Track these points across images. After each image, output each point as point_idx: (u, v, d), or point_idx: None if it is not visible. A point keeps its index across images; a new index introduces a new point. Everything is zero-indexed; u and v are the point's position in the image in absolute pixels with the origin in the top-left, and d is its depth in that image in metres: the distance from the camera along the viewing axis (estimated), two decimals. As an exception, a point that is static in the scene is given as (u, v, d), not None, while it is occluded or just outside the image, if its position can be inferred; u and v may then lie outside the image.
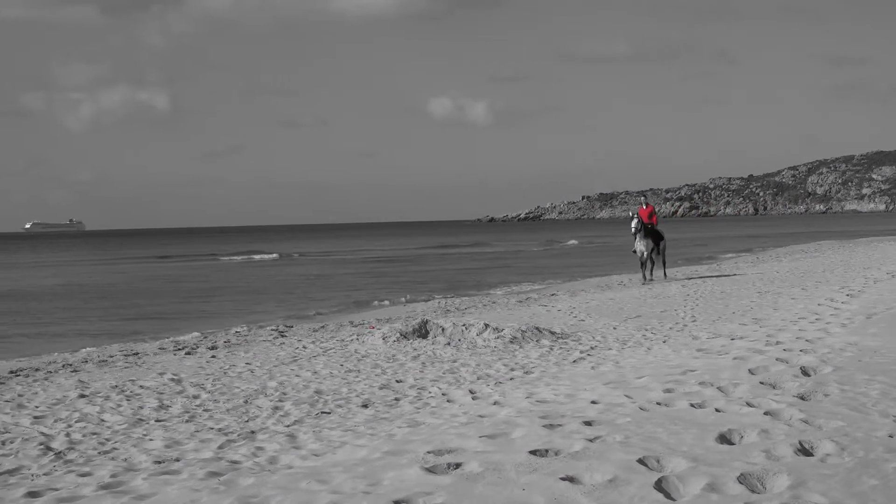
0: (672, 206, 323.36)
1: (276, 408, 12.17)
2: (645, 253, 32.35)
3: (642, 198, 34.81)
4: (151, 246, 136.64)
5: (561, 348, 16.24)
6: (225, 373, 15.46)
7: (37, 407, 13.05)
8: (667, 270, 34.34)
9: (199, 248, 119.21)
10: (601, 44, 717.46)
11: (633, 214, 32.80)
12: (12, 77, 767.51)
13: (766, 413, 8.26)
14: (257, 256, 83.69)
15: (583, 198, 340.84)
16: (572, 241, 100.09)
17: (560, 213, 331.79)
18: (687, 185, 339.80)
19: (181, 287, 46.64)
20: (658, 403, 8.95)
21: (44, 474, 9.31)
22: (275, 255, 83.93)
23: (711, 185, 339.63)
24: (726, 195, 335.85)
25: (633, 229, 32.21)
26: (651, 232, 32.51)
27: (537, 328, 17.80)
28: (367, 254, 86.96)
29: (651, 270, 32.91)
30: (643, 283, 31.64)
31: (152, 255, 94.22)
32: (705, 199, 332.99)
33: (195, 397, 13.27)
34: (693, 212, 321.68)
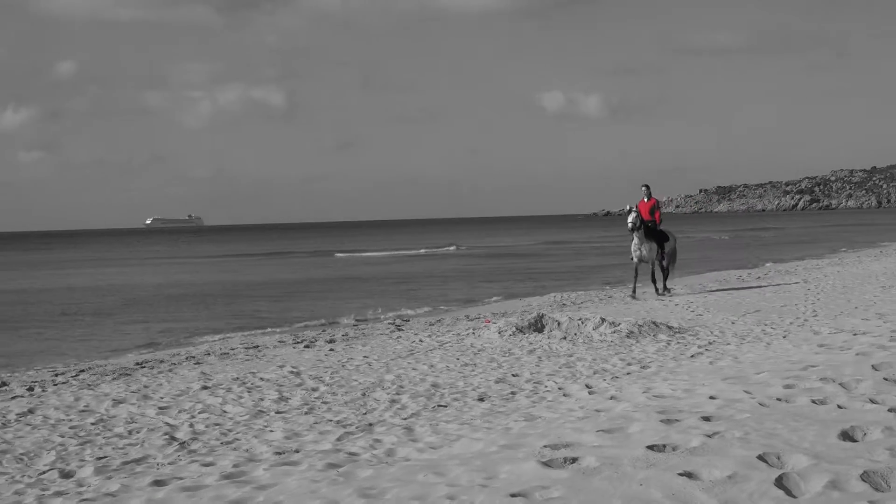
0: (792, 199, 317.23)
1: (394, 401, 12.28)
2: (646, 259, 26.19)
3: (644, 188, 26.70)
4: (269, 241, 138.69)
5: (678, 343, 16.08)
6: (343, 366, 15.65)
7: (161, 398, 13.37)
8: (668, 282, 27.44)
9: (314, 244, 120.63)
10: (713, 35, 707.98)
11: (629, 208, 26.32)
12: (133, 76, 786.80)
13: (890, 410, 8.07)
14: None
15: (700, 191, 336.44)
16: (703, 236, 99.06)
17: (677, 206, 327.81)
18: (807, 177, 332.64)
19: (299, 282, 47.29)
20: (778, 399, 8.81)
21: (169, 463, 9.54)
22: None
23: (833, 178, 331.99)
24: (848, 188, 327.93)
25: (629, 225, 26.05)
26: (653, 233, 26.36)
27: (654, 322, 17.65)
28: (482, 249, 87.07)
29: (663, 281, 26.96)
30: (633, 298, 25.84)
31: (273, 251, 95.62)
32: (826, 192, 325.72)
33: (314, 390, 13.45)
34: (814, 205, 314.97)
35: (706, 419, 8.11)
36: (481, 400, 11.96)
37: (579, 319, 17.86)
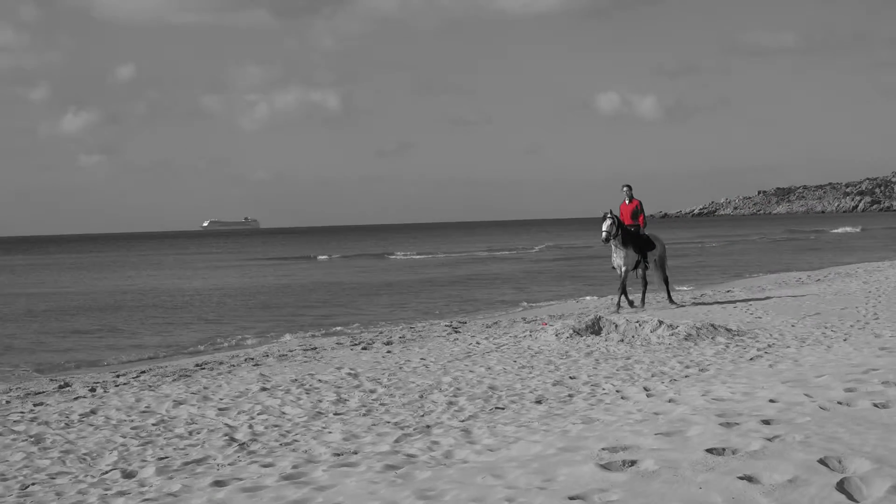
0: (852, 200, 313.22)
1: (451, 403, 12.29)
2: (624, 268, 23.36)
3: (625, 188, 24.00)
4: (325, 243, 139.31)
5: (737, 346, 15.97)
6: (400, 368, 15.70)
7: (221, 399, 13.49)
8: (672, 292, 25.27)
9: (370, 246, 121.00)
10: (768, 35, 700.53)
11: (605, 214, 23.23)
12: (192, 80, 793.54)
13: (954, 414, 7.97)
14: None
15: (758, 192, 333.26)
16: (756, 237, 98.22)
17: (735, 208, 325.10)
18: (868, 178, 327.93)
19: (355, 283, 47.50)
20: (839, 403, 8.72)
21: (228, 464, 9.62)
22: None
23: (894, 179, 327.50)
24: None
25: (603, 234, 23.20)
26: (634, 238, 23.63)
27: (712, 325, 17.54)
28: (541, 251, 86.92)
29: (642, 293, 24.12)
30: (617, 311, 22.89)
31: (329, 253, 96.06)
32: (887, 193, 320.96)
33: (372, 391, 13.51)
34: (874, 206, 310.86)
35: (766, 422, 8.05)
36: (539, 402, 11.94)
37: (637, 322, 17.79)
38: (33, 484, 9.40)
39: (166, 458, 10.14)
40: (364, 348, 18.99)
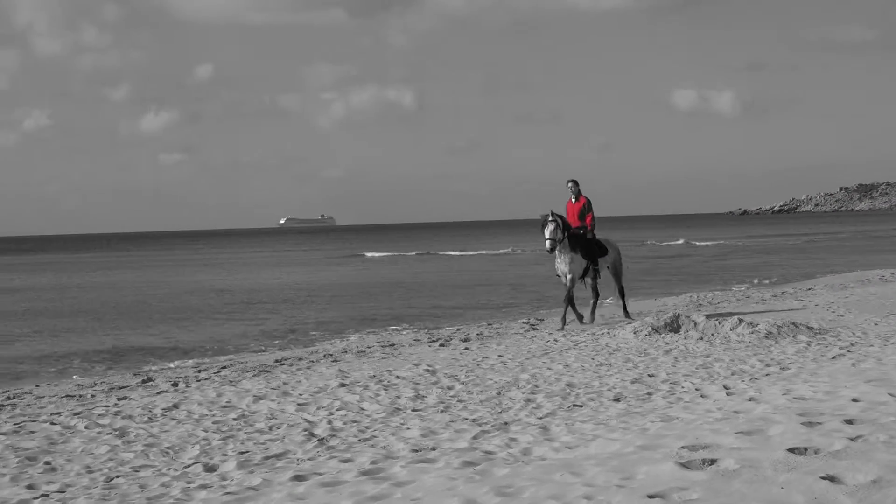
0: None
1: (529, 400, 12.29)
2: (570, 276, 20.55)
3: (570, 184, 21.04)
4: (400, 240, 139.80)
5: (819, 344, 15.77)
6: (478, 364, 15.72)
7: (300, 394, 13.61)
8: (628, 304, 22.44)
9: (443, 243, 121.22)
10: (843, 31, 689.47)
11: (546, 216, 20.41)
12: (268, 79, 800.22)
13: None
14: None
15: (840, 189, 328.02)
16: (838, 234, 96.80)
17: (816, 205, 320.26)
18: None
19: (432, 281, 47.63)
20: (924, 403, 8.58)
21: (308, 459, 9.72)
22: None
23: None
24: None
25: (547, 244, 20.33)
26: (583, 243, 20.87)
27: (794, 323, 17.33)
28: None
29: (592, 306, 21.36)
30: (561, 328, 20.21)
31: (404, 251, 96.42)
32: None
33: (449, 388, 13.54)
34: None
35: (849, 422, 7.94)
36: (617, 400, 11.89)
37: (716, 320, 17.65)
38: (118, 476, 9.58)
39: (247, 452, 10.26)
40: (442, 345, 19.04)
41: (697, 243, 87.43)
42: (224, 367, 17.82)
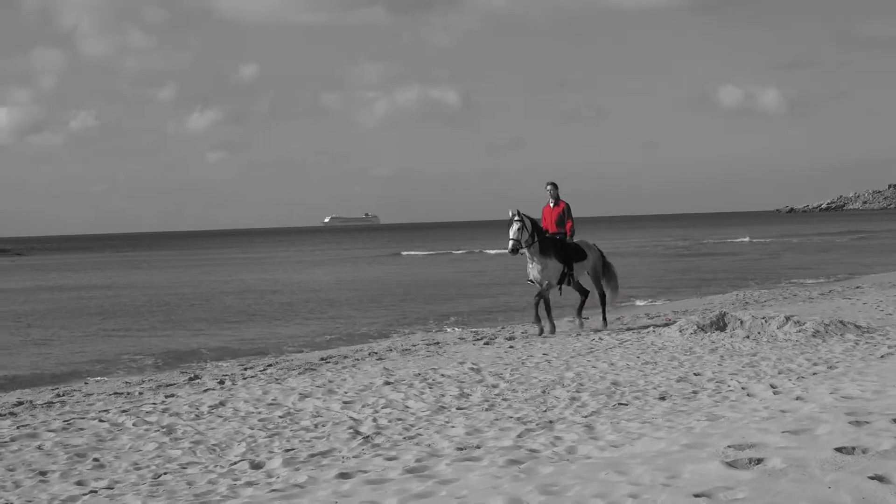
0: None
1: (574, 398, 12.26)
2: (546, 283, 19.53)
3: (549, 187, 19.91)
4: (444, 239, 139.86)
5: (867, 343, 15.62)
6: (523, 363, 15.70)
7: (346, 392, 13.65)
8: (608, 311, 21.08)
9: (488, 241, 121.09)
10: (890, 26, 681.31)
11: (513, 215, 19.09)
12: (311, 79, 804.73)
13: None
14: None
15: (889, 186, 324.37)
16: (886, 232, 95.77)
17: (864, 202, 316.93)
18: None
19: (476, 280, 47.66)
20: (975, 402, 8.49)
21: (353, 457, 9.74)
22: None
23: None
24: None
25: (510, 243, 19.11)
26: (559, 247, 19.63)
27: (841, 321, 17.17)
28: (664, 246, 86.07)
29: (579, 312, 20.47)
30: (540, 334, 19.47)
31: (449, 249, 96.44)
32: None
33: (494, 386, 13.53)
34: None
35: (897, 421, 7.87)
36: (662, 399, 11.84)
37: (763, 318, 17.51)
38: (165, 473, 9.66)
39: (292, 449, 10.31)
40: (486, 343, 19.03)
41: (758, 240, 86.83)
42: (270, 366, 17.91)
